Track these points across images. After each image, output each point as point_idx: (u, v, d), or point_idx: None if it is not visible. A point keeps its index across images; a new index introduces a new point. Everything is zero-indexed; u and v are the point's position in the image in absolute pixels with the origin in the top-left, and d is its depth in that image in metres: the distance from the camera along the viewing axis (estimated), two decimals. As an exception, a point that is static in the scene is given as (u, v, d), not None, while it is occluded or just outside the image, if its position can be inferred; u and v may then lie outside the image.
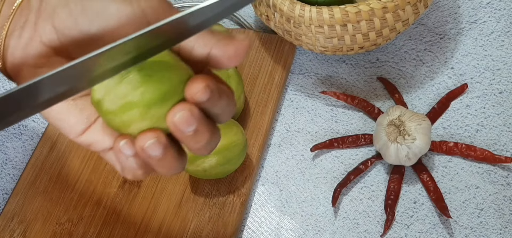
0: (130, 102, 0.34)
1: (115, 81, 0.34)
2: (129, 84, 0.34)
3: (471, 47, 0.71)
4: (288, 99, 0.71)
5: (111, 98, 0.34)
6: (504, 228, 0.60)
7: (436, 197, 0.62)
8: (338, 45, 0.65)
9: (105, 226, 0.64)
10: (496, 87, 0.68)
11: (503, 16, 0.73)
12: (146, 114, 0.34)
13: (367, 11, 0.62)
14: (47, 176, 0.68)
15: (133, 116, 0.34)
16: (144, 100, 0.34)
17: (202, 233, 0.62)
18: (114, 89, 0.34)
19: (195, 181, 0.66)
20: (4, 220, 0.66)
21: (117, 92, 0.34)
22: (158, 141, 0.34)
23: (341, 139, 0.66)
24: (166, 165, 0.36)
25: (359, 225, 0.62)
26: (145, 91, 0.34)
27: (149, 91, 0.34)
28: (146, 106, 0.34)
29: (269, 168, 0.67)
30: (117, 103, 0.34)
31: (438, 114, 0.67)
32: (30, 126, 0.73)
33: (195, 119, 0.34)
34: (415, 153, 0.61)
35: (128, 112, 0.34)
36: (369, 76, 0.71)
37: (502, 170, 0.63)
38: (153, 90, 0.34)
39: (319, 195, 0.65)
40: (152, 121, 0.34)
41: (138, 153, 0.35)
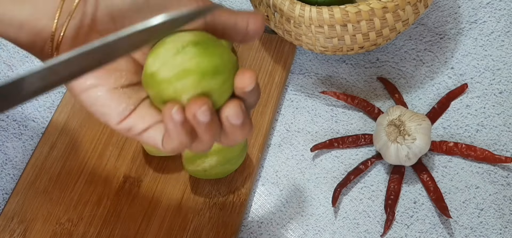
0: (186, 70, 0.37)
1: (171, 54, 0.37)
2: (185, 55, 0.37)
3: (471, 47, 0.71)
4: (288, 99, 0.71)
5: (167, 68, 0.37)
6: (504, 228, 0.60)
7: (436, 197, 0.62)
8: (338, 45, 0.65)
9: (105, 226, 0.64)
10: (496, 87, 0.68)
11: (503, 16, 0.73)
12: (199, 83, 0.37)
13: (367, 11, 0.62)
14: (47, 176, 0.68)
15: (187, 84, 0.37)
16: (199, 68, 0.37)
17: (202, 233, 0.62)
18: (171, 60, 0.37)
19: (195, 181, 0.66)
20: (4, 220, 0.66)
21: (174, 62, 0.37)
22: (208, 108, 0.37)
23: (341, 139, 0.66)
24: (211, 132, 0.38)
25: (359, 225, 0.62)
26: (200, 61, 0.37)
27: (204, 62, 0.37)
28: (200, 74, 0.37)
29: (269, 168, 0.67)
30: (173, 71, 0.37)
31: (438, 114, 0.67)
32: (30, 126, 0.73)
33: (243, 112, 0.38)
34: (415, 153, 0.61)
35: (183, 80, 0.37)
36: (369, 76, 0.71)
37: (502, 170, 0.63)
38: (208, 61, 0.37)
39: (319, 195, 0.65)
40: (203, 91, 0.37)
41: (188, 118, 0.37)
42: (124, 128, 0.40)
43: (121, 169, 0.67)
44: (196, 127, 0.38)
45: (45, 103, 0.74)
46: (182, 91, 0.37)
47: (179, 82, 0.37)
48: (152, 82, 0.38)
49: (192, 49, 0.37)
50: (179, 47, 0.37)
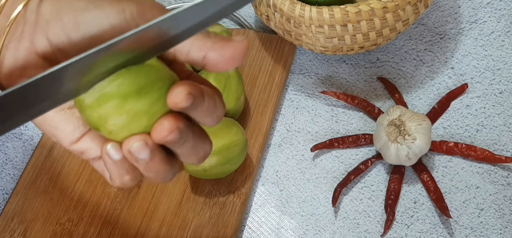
0: (106, 94, 0.34)
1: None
2: (107, 79, 0.34)
3: (471, 47, 0.71)
4: (288, 99, 0.71)
5: (89, 93, 0.35)
6: (504, 228, 0.60)
7: (436, 197, 0.62)
8: (338, 45, 0.65)
9: (105, 226, 0.64)
10: (496, 87, 0.68)
11: (503, 16, 0.73)
12: (122, 107, 0.34)
13: (367, 11, 0.62)
14: (47, 176, 0.68)
15: (109, 109, 0.34)
16: (119, 91, 0.34)
17: (202, 233, 0.62)
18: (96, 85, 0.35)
19: (195, 181, 0.66)
20: (4, 220, 0.66)
21: (96, 87, 0.34)
22: (145, 144, 0.34)
23: (341, 139, 0.66)
24: (153, 169, 0.36)
25: (359, 225, 0.62)
26: (121, 83, 0.34)
27: (125, 84, 0.34)
28: (121, 98, 0.34)
29: (269, 168, 0.67)
30: (94, 96, 0.34)
31: (438, 114, 0.67)
32: (30, 126, 0.73)
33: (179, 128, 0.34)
34: (415, 153, 0.61)
35: (105, 105, 0.34)
36: (369, 76, 0.71)
37: (502, 170, 0.63)
38: (129, 82, 0.34)
39: (319, 195, 0.65)
40: (128, 115, 0.34)
41: (125, 156, 0.35)
42: (77, 151, 0.38)
43: (121, 169, 0.67)
44: (135, 165, 0.35)
45: (45, 103, 0.74)
46: (106, 117, 0.34)
47: (101, 108, 0.34)
48: (80, 108, 0.35)
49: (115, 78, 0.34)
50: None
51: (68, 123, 0.38)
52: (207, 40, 0.35)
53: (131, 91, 0.34)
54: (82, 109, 0.35)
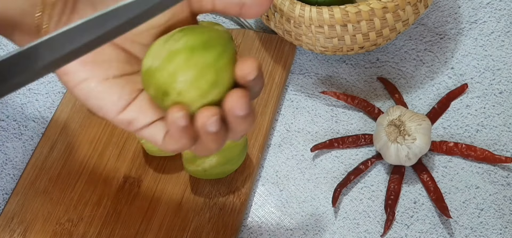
0: (174, 51, 0.36)
1: (160, 45, 0.37)
2: (172, 40, 0.37)
3: (471, 47, 0.71)
4: (288, 99, 0.71)
5: (158, 58, 0.36)
6: (504, 228, 0.60)
7: (436, 197, 0.62)
8: (338, 45, 0.65)
9: (105, 226, 0.64)
10: (496, 87, 0.68)
11: (503, 16, 0.73)
12: (191, 59, 0.36)
13: (367, 11, 0.62)
14: (47, 176, 0.68)
15: (178, 64, 0.36)
16: (187, 45, 0.36)
17: (202, 233, 0.62)
18: (160, 50, 0.37)
19: (195, 181, 0.66)
20: (4, 220, 0.66)
21: (163, 50, 0.37)
22: (218, 119, 0.36)
23: (341, 139, 0.66)
24: (217, 140, 0.37)
25: (359, 225, 0.62)
26: (187, 40, 0.36)
27: (191, 39, 0.36)
28: (189, 50, 0.36)
29: (269, 168, 0.67)
30: (162, 56, 0.36)
31: (438, 114, 0.67)
32: (30, 126, 0.73)
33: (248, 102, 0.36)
34: (415, 153, 0.61)
35: (174, 61, 0.36)
36: (369, 76, 0.71)
37: (502, 170, 0.63)
38: (195, 38, 0.36)
39: (319, 195, 0.65)
40: (197, 68, 0.36)
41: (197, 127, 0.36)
42: (124, 120, 0.39)
43: (121, 169, 0.67)
44: (203, 136, 0.37)
45: (45, 103, 0.74)
46: (176, 72, 0.36)
47: (171, 64, 0.36)
48: (148, 78, 0.37)
49: (179, 34, 0.37)
50: (166, 38, 0.37)
51: (113, 92, 0.38)
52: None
53: (198, 45, 0.36)
54: (150, 78, 0.37)
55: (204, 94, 0.36)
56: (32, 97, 0.75)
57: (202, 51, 0.36)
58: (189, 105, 0.36)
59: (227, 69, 0.37)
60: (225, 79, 0.37)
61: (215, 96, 0.36)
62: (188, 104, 0.36)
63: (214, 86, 0.36)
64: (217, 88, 0.36)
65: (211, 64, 0.36)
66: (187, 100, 0.36)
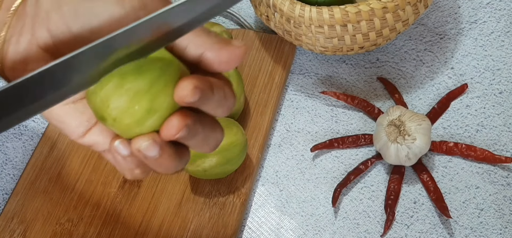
0: (107, 77, 0.34)
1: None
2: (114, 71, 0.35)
3: (471, 47, 0.71)
4: (288, 99, 0.71)
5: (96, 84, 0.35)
6: (504, 228, 0.60)
7: (436, 197, 0.62)
8: (338, 45, 0.65)
9: (105, 226, 0.64)
10: (496, 87, 0.68)
11: (503, 16, 0.73)
12: (122, 86, 0.34)
13: (367, 11, 0.62)
14: (47, 176, 0.68)
15: (109, 90, 0.34)
16: (119, 71, 0.34)
17: (202, 233, 0.62)
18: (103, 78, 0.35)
19: (195, 181, 0.66)
20: (4, 220, 0.66)
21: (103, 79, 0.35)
22: (153, 142, 0.34)
23: (341, 139, 0.66)
24: (164, 164, 0.36)
25: (359, 225, 0.62)
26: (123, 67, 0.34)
27: (127, 66, 0.34)
28: (121, 77, 0.34)
29: (269, 168, 0.67)
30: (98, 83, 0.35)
31: (438, 114, 0.67)
32: (30, 126, 0.73)
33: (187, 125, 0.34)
34: (415, 153, 0.61)
35: (106, 86, 0.34)
36: (369, 76, 0.71)
37: (502, 170, 0.63)
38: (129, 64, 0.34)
39: (319, 195, 0.65)
40: (128, 95, 0.34)
41: (134, 154, 0.35)
42: (86, 144, 0.38)
43: (121, 169, 0.67)
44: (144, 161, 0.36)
45: (45, 103, 0.74)
46: (108, 99, 0.34)
47: (102, 90, 0.34)
48: (88, 101, 0.36)
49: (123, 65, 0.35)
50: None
51: (74, 117, 0.38)
52: (207, 39, 0.35)
53: (130, 70, 0.34)
54: (88, 98, 0.36)
55: (140, 122, 0.34)
56: (32, 97, 0.75)
57: (133, 76, 0.34)
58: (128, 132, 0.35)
59: (164, 94, 0.34)
60: (162, 105, 0.34)
61: (155, 123, 0.35)
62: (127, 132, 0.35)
63: (150, 113, 0.34)
64: (153, 115, 0.34)
65: (144, 90, 0.34)
66: (124, 128, 0.35)
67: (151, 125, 0.35)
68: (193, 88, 0.33)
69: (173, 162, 0.36)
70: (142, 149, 0.34)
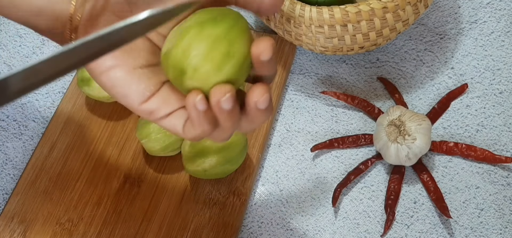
0: (186, 27, 0.37)
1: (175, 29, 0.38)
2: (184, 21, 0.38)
3: (471, 47, 0.71)
4: (288, 99, 0.71)
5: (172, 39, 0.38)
6: (504, 228, 0.60)
7: (436, 197, 0.62)
8: (338, 45, 0.65)
9: (105, 226, 0.64)
10: (496, 87, 0.68)
11: (503, 16, 0.73)
12: (202, 33, 0.36)
13: (367, 11, 0.62)
14: (47, 176, 0.68)
15: (190, 39, 0.37)
16: (197, 21, 0.37)
17: (202, 233, 0.62)
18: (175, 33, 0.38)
19: (195, 181, 0.66)
20: (4, 220, 0.66)
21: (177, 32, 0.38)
22: (231, 95, 0.36)
23: (341, 139, 0.66)
24: (233, 119, 0.38)
25: (359, 225, 0.62)
26: (197, 17, 0.37)
27: (201, 15, 0.37)
28: (199, 25, 0.37)
29: (269, 168, 0.67)
30: (176, 35, 0.37)
31: (438, 114, 0.67)
32: (30, 126, 0.73)
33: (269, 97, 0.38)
34: (415, 153, 0.61)
35: (185, 37, 0.37)
36: (369, 76, 0.71)
37: (502, 170, 0.63)
38: (204, 14, 0.38)
39: (319, 195, 0.65)
40: (208, 41, 0.36)
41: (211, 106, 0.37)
42: (146, 110, 0.40)
43: (121, 169, 0.67)
44: (218, 115, 0.38)
45: (46, 103, 0.74)
46: (189, 47, 0.36)
47: (183, 40, 0.37)
48: (166, 61, 0.38)
49: (190, 16, 0.38)
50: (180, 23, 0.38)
51: (140, 82, 0.39)
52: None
53: (208, 19, 0.37)
54: (167, 57, 0.38)
55: (218, 67, 0.36)
56: (32, 97, 0.75)
57: (211, 24, 0.37)
58: (206, 80, 0.37)
59: (239, 41, 0.37)
60: (238, 51, 0.37)
61: (231, 70, 0.37)
62: (205, 81, 0.37)
63: (228, 58, 0.37)
64: (231, 60, 0.37)
65: (222, 35, 0.37)
66: (203, 76, 0.37)
67: (227, 71, 0.37)
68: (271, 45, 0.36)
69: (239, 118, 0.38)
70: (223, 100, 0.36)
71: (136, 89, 0.39)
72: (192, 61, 0.36)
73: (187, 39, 0.37)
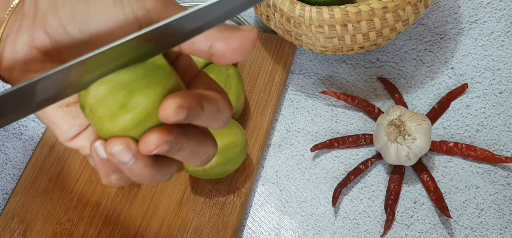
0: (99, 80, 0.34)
1: None
2: None
3: (471, 47, 0.71)
4: (288, 99, 0.71)
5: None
6: (504, 228, 0.60)
7: (436, 197, 0.62)
8: (338, 45, 0.65)
9: (105, 226, 0.64)
10: (496, 87, 0.68)
11: (503, 16, 0.73)
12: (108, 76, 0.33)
13: (367, 11, 0.62)
14: (47, 176, 0.68)
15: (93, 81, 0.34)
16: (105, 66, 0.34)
17: (202, 233, 0.62)
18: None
19: (195, 181, 0.66)
20: (4, 220, 0.66)
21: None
22: (127, 147, 0.33)
23: (341, 139, 0.66)
24: (138, 173, 0.34)
25: (359, 225, 0.62)
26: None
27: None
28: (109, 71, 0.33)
29: (269, 168, 0.67)
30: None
31: (438, 114, 0.67)
32: (30, 126, 0.73)
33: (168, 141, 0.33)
34: (415, 153, 0.61)
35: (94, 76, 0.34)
36: (369, 76, 0.71)
37: (502, 170, 0.63)
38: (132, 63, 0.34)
39: (319, 195, 0.65)
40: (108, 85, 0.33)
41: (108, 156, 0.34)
42: (73, 147, 0.38)
43: (121, 169, 0.67)
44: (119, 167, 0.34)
45: (45, 103, 0.74)
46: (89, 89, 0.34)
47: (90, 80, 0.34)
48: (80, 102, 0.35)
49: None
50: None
51: (66, 120, 0.37)
52: (213, 30, 0.33)
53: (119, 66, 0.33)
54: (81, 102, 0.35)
55: (112, 116, 0.33)
56: (32, 97, 0.75)
57: (120, 72, 0.33)
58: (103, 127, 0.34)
59: (143, 95, 0.33)
60: (139, 105, 0.33)
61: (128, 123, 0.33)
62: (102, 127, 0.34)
63: (124, 110, 0.33)
64: (128, 112, 0.33)
65: (123, 84, 0.33)
66: (97, 120, 0.34)
67: (124, 123, 0.33)
68: (176, 107, 0.31)
69: (150, 172, 0.34)
70: (114, 152, 0.33)
71: (60, 127, 0.37)
72: (90, 101, 0.34)
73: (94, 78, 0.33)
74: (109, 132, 0.34)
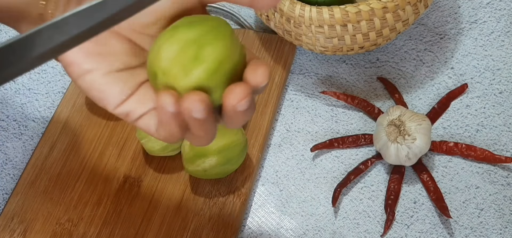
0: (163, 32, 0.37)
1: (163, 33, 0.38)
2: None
3: (471, 47, 0.71)
4: (288, 99, 0.71)
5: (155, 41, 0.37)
6: (504, 228, 0.60)
7: (436, 197, 0.62)
8: (338, 45, 0.65)
9: (105, 226, 0.64)
10: (496, 87, 0.68)
11: (503, 16, 0.73)
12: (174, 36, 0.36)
13: (367, 11, 0.62)
14: (47, 176, 0.68)
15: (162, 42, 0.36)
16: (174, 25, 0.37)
17: (202, 233, 0.62)
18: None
19: (195, 181, 0.66)
20: (4, 220, 0.66)
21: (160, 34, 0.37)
22: (203, 102, 0.35)
23: (341, 139, 0.66)
24: (204, 129, 0.37)
25: (359, 225, 0.62)
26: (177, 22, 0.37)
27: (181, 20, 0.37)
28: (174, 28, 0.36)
29: (269, 168, 0.67)
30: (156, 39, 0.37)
31: (438, 114, 0.67)
32: (30, 126, 0.73)
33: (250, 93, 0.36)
34: (415, 153, 0.61)
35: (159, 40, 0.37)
36: (369, 76, 0.71)
37: (502, 170, 0.63)
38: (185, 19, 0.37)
39: (319, 195, 0.65)
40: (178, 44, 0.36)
41: (181, 111, 0.36)
42: (121, 112, 0.39)
43: (121, 169, 0.67)
44: (189, 122, 0.36)
45: (45, 103, 0.74)
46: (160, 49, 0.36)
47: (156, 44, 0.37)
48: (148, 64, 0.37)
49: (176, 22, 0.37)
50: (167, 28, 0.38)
51: (115, 85, 0.39)
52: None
53: (184, 23, 0.37)
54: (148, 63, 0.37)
55: (186, 71, 0.35)
56: (32, 97, 0.75)
57: (185, 28, 0.36)
58: (176, 84, 0.36)
59: (212, 46, 0.36)
60: (209, 56, 0.36)
61: (201, 75, 0.35)
62: (175, 85, 0.36)
63: (197, 62, 0.35)
64: (200, 64, 0.35)
65: (193, 39, 0.36)
66: (172, 80, 0.36)
67: (197, 76, 0.35)
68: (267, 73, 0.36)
69: (213, 129, 0.37)
70: (191, 107, 0.35)
71: (111, 92, 0.39)
72: (162, 64, 0.36)
73: (160, 42, 0.36)
74: (183, 88, 0.36)
